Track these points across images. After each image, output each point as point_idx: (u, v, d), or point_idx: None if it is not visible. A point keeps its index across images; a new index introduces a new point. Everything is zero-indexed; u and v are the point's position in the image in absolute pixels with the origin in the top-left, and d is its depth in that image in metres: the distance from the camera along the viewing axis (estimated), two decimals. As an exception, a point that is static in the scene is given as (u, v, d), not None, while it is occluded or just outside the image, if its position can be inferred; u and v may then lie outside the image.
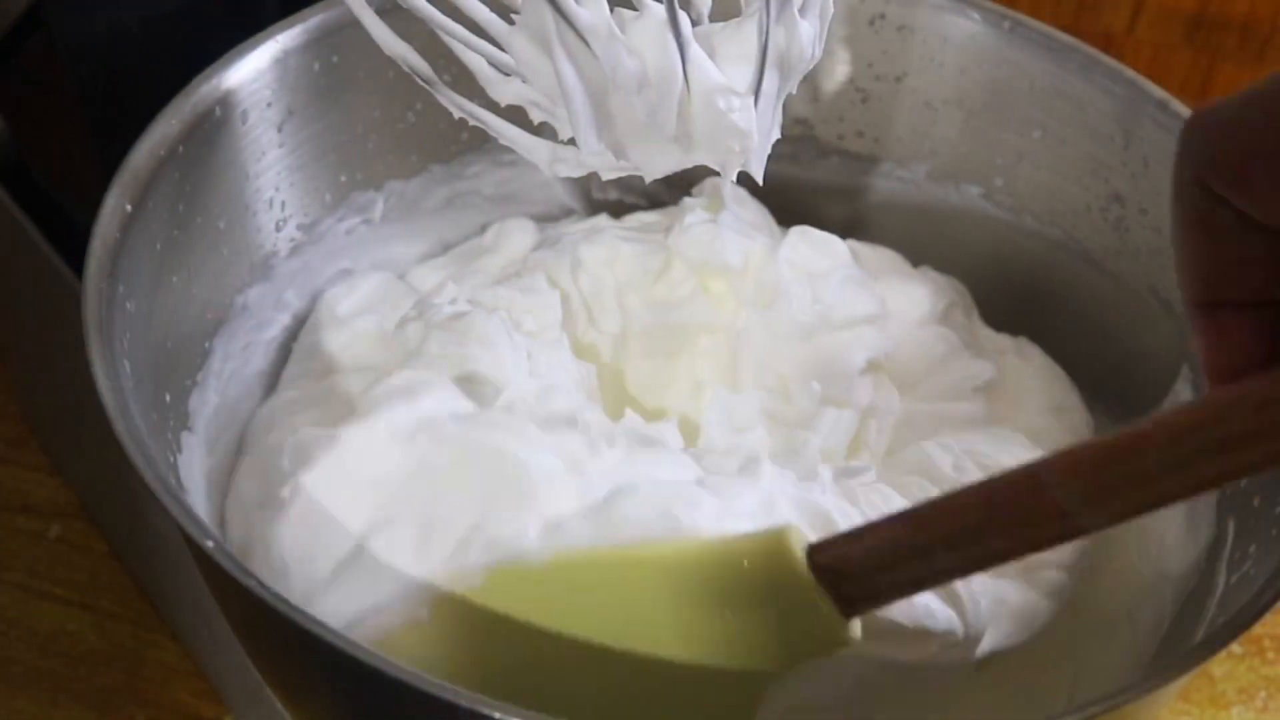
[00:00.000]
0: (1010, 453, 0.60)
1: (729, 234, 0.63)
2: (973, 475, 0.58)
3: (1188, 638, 0.54)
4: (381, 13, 0.50)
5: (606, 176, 0.52)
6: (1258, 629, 0.50)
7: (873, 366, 0.63)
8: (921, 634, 0.53)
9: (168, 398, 0.55)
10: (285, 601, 0.43)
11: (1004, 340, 0.67)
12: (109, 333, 0.50)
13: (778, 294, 0.63)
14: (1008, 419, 0.64)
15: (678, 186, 0.69)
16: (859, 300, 0.64)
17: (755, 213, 0.67)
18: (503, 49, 0.49)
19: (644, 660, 0.50)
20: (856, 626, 0.48)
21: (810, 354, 0.63)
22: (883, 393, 0.63)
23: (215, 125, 0.58)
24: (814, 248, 0.65)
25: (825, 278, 0.64)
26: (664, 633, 0.50)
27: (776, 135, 0.51)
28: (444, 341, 0.59)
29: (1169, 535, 0.60)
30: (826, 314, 0.63)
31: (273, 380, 0.63)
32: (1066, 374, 0.65)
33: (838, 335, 0.62)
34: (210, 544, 0.44)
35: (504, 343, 0.59)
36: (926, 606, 0.53)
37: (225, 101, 0.58)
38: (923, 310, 0.65)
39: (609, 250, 0.64)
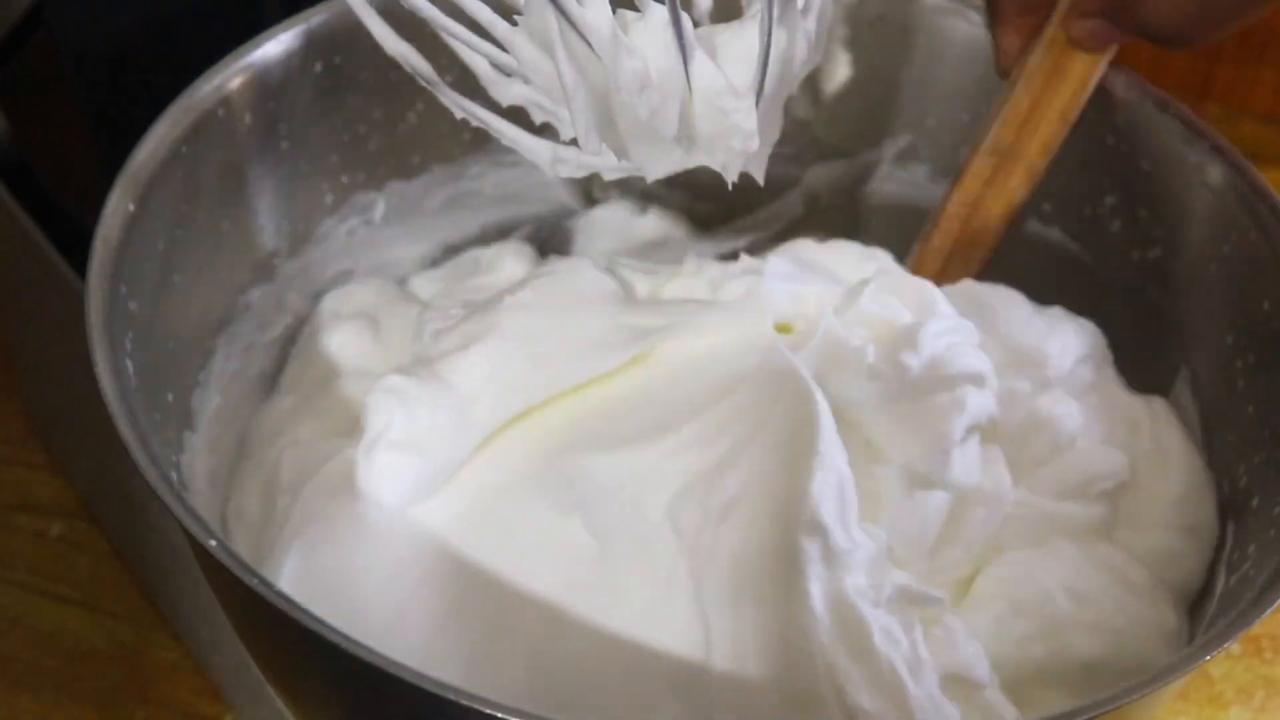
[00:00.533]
0: (1120, 604, 0.53)
1: (775, 284, 0.58)
2: (1066, 610, 0.53)
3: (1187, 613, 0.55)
4: (383, 13, 0.50)
5: (608, 177, 0.52)
6: (1256, 629, 0.50)
7: (983, 435, 0.55)
8: None
9: (170, 397, 0.55)
10: (287, 600, 0.43)
11: (1138, 408, 0.59)
12: (112, 333, 0.50)
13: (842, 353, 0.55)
14: (1131, 533, 0.56)
15: (682, 187, 0.69)
16: (961, 355, 0.56)
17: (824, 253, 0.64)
18: (505, 50, 0.49)
19: None
20: None
21: (896, 419, 0.55)
22: (993, 472, 0.54)
23: (218, 125, 0.58)
24: (899, 295, 0.58)
25: (920, 330, 0.56)
26: None
27: (776, 136, 0.51)
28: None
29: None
30: (915, 374, 0.55)
31: (275, 380, 0.63)
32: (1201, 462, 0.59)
33: (931, 399, 0.54)
34: (213, 543, 0.44)
35: None
36: None
37: (227, 102, 0.58)
38: (1062, 367, 0.58)
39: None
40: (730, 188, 0.52)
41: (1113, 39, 0.59)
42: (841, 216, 0.70)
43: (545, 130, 0.52)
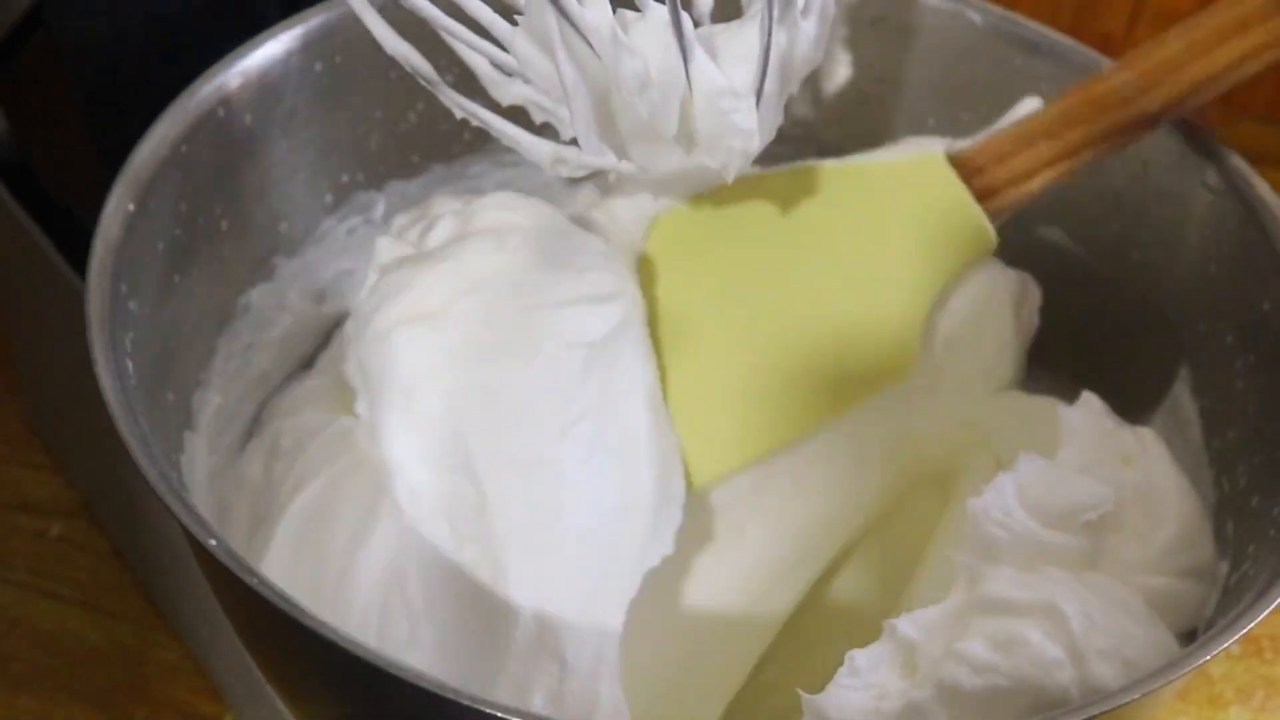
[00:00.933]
0: (1127, 631, 0.51)
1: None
2: (1082, 634, 0.50)
3: (1187, 638, 0.54)
4: (384, 13, 0.50)
5: (609, 177, 0.52)
6: (1256, 629, 0.50)
7: None
8: None
9: (170, 397, 0.55)
10: (287, 600, 0.43)
11: (1129, 441, 0.58)
12: (112, 332, 0.50)
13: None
14: (1126, 569, 0.54)
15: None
16: None
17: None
18: (505, 49, 0.49)
19: (807, 301, 0.57)
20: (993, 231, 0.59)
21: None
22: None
23: (218, 125, 0.58)
24: None
25: None
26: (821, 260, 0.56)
27: (773, 136, 0.51)
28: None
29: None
30: None
31: (276, 380, 0.63)
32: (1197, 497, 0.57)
33: None
34: (213, 543, 0.44)
35: None
36: None
37: (227, 101, 0.58)
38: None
39: None
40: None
41: None
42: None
43: (545, 130, 0.52)
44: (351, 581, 0.52)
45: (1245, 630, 0.47)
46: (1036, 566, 0.53)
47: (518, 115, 0.51)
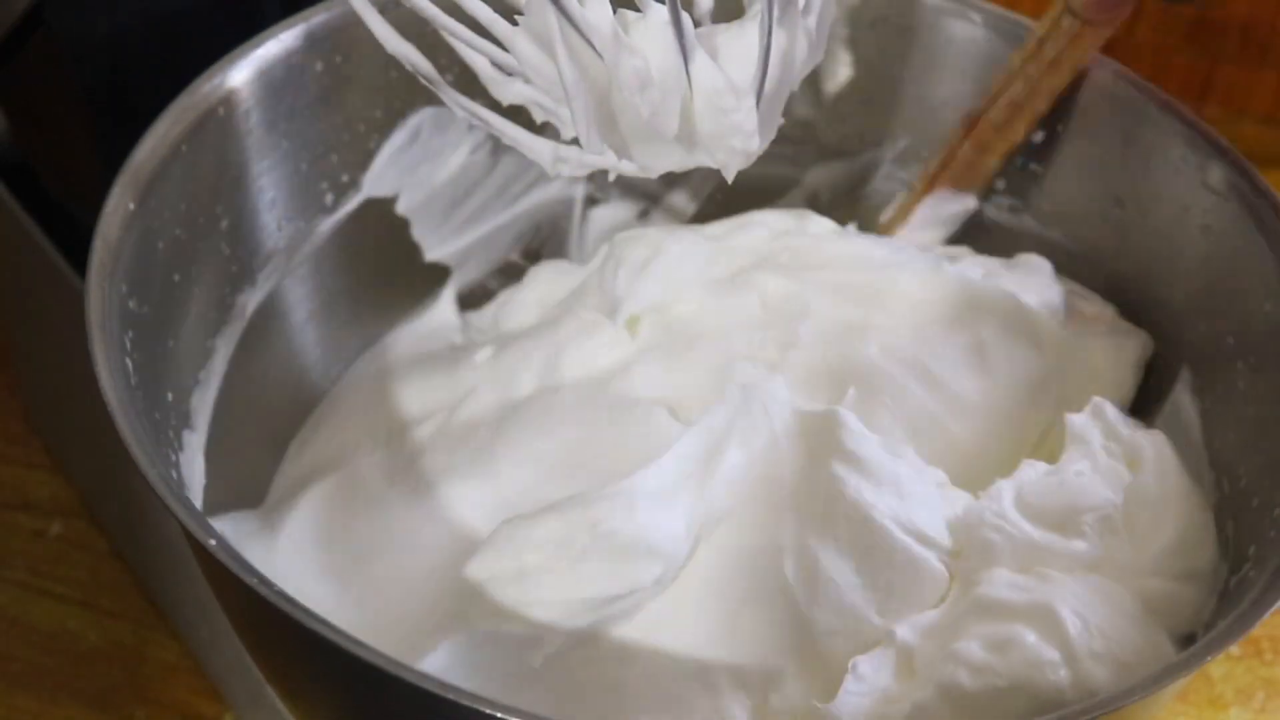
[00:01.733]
0: (1123, 634, 0.51)
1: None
2: (1079, 636, 0.50)
3: (1184, 641, 0.54)
4: (384, 12, 0.50)
5: (610, 177, 0.52)
6: (1256, 630, 0.49)
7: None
8: None
9: (170, 396, 0.55)
10: (287, 599, 0.43)
11: (1136, 445, 0.57)
12: (111, 331, 0.50)
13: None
14: (1122, 571, 0.54)
15: (682, 187, 0.69)
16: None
17: None
18: (505, 49, 0.49)
19: None
20: None
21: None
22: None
23: (218, 124, 0.58)
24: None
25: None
26: None
27: (773, 135, 0.51)
28: None
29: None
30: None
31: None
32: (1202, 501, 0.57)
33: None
34: (213, 542, 0.44)
35: None
36: None
37: (228, 101, 0.58)
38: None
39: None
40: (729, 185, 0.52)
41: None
42: (842, 217, 0.69)
43: (546, 129, 0.51)
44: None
45: (1246, 632, 0.47)
46: (1033, 570, 0.53)
47: (518, 115, 0.51)
